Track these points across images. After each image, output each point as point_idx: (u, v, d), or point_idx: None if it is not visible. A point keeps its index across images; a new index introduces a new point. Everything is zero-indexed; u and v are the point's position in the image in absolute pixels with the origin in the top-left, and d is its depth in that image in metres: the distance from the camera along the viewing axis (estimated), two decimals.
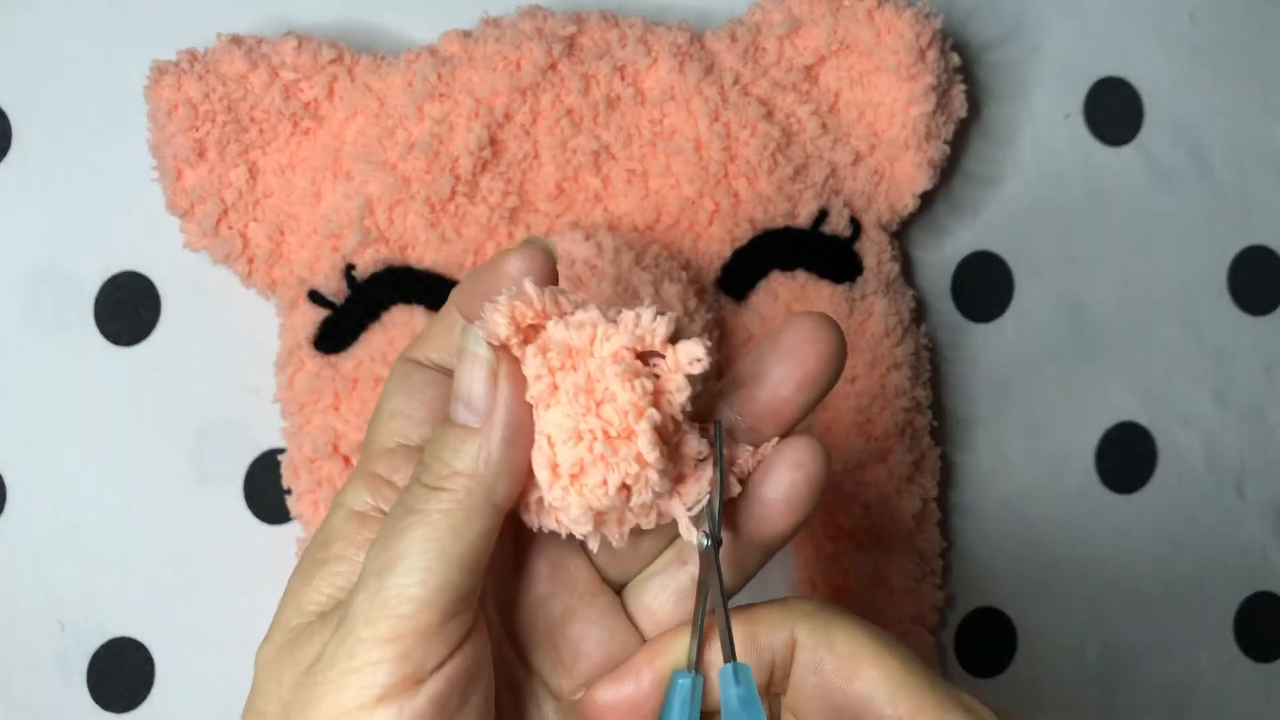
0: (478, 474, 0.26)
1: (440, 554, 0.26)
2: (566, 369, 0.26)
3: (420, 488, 0.26)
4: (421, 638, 0.25)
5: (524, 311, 0.27)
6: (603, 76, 0.45)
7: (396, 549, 0.26)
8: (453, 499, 0.26)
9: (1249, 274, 0.53)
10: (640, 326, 0.26)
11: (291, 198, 0.45)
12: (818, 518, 0.47)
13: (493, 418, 0.26)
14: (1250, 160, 0.53)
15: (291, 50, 0.43)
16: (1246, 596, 0.53)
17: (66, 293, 0.46)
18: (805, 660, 0.28)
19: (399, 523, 0.26)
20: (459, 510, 0.26)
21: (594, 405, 0.26)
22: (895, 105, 0.46)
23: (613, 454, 0.26)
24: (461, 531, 0.26)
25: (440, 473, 0.26)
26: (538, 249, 0.28)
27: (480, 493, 0.26)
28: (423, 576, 0.25)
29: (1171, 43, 0.53)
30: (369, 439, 0.29)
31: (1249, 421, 0.53)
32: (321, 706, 0.25)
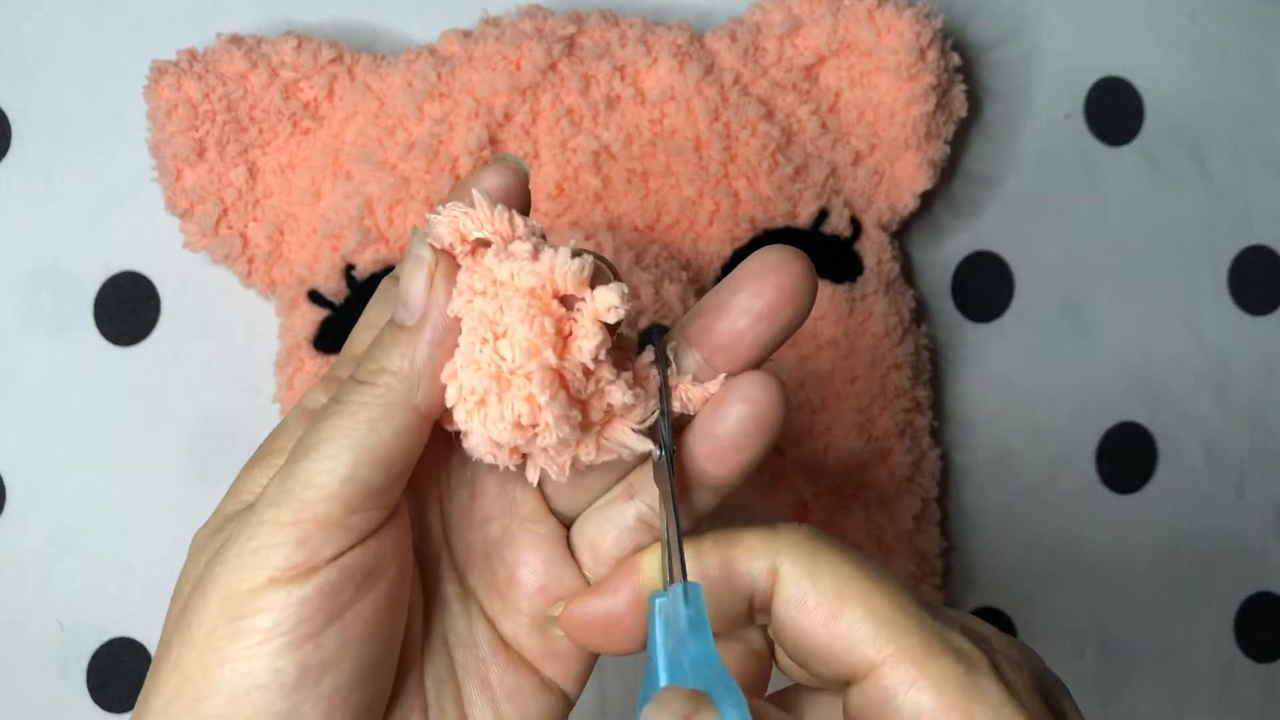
0: (401, 371, 0.26)
1: (353, 445, 0.25)
2: (487, 295, 0.26)
3: (350, 382, 0.27)
4: (320, 526, 0.25)
5: (466, 224, 0.26)
6: (603, 76, 0.45)
7: (311, 436, 0.26)
8: (373, 393, 0.26)
9: (1249, 274, 0.53)
10: (556, 267, 0.26)
11: (291, 198, 0.45)
12: (818, 518, 0.47)
13: (424, 319, 0.26)
14: (1250, 160, 0.53)
15: (291, 50, 0.43)
16: (1247, 596, 0.53)
17: (66, 292, 0.46)
18: (787, 593, 0.27)
19: (323, 414, 0.26)
20: (377, 405, 0.26)
21: (493, 338, 0.25)
22: (895, 105, 0.46)
23: (505, 389, 0.25)
24: (377, 426, 0.26)
25: (370, 368, 0.26)
26: (510, 166, 0.28)
27: (400, 390, 0.26)
28: (330, 465, 0.25)
29: (1172, 43, 0.53)
30: (347, 352, 0.29)
31: (1249, 421, 0.53)
32: (217, 585, 0.25)
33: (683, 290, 0.43)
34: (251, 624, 0.25)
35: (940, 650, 0.25)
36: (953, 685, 0.25)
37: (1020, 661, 0.26)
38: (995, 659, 0.26)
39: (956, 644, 0.26)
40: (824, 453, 0.46)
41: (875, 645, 0.25)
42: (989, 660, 0.26)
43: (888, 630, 0.26)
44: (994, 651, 0.26)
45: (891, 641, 0.25)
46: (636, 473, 0.29)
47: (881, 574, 0.27)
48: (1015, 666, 0.26)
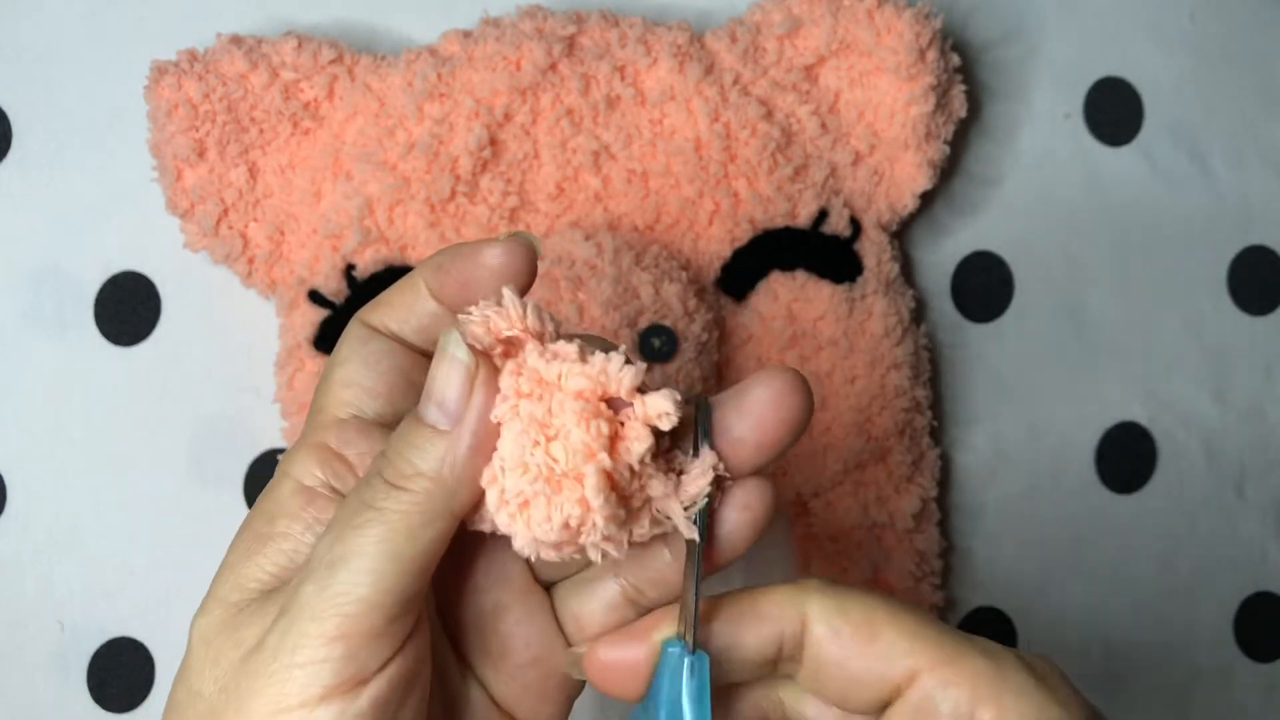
0: (440, 478, 0.26)
1: (393, 556, 0.25)
2: (533, 397, 0.26)
3: (381, 483, 0.26)
4: (366, 638, 0.25)
5: (499, 325, 0.26)
6: (603, 76, 0.45)
7: (350, 545, 0.25)
8: (412, 500, 0.26)
9: (1249, 274, 0.53)
10: (607, 371, 0.26)
11: (291, 198, 0.45)
12: (818, 517, 0.47)
13: (463, 424, 0.26)
14: (1250, 160, 0.53)
15: (291, 50, 0.43)
16: (1246, 596, 0.53)
17: (67, 292, 0.46)
18: (820, 632, 0.28)
19: (355, 517, 0.26)
20: (417, 513, 0.26)
21: (544, 440, 0.25)
22: (895, 105, 0.46)
23: (555, 493, 0.25)
24: (416, 535, 0.25)
25: (404, 471, 0.26)
26: (522, 245, 0.28)
27: (441, 497, 0.26)
28: (373, 578, 0.25)
29: (1171, 43, 0.53)
30: (317, 405, 0.29)
31: (1249, 421, 0.53)
32: (262, 699, 0.25)
33: (683, 290, 0.43)
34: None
35: (968, 650, 0.27)
36: (984, 679, 0.27)
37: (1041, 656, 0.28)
38: (1018, 653, 0.28)
39: (982, 645, 0.28)
40: (824, 452, 0.46)
41: (912, 656, 0.27)
42: (1013, 654, 0.28)
43: (921, 643, 0.27)
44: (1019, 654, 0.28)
45: (925, 652, 0.27)
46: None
47: (901, 603, 0.28)
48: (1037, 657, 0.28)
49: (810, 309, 0.46)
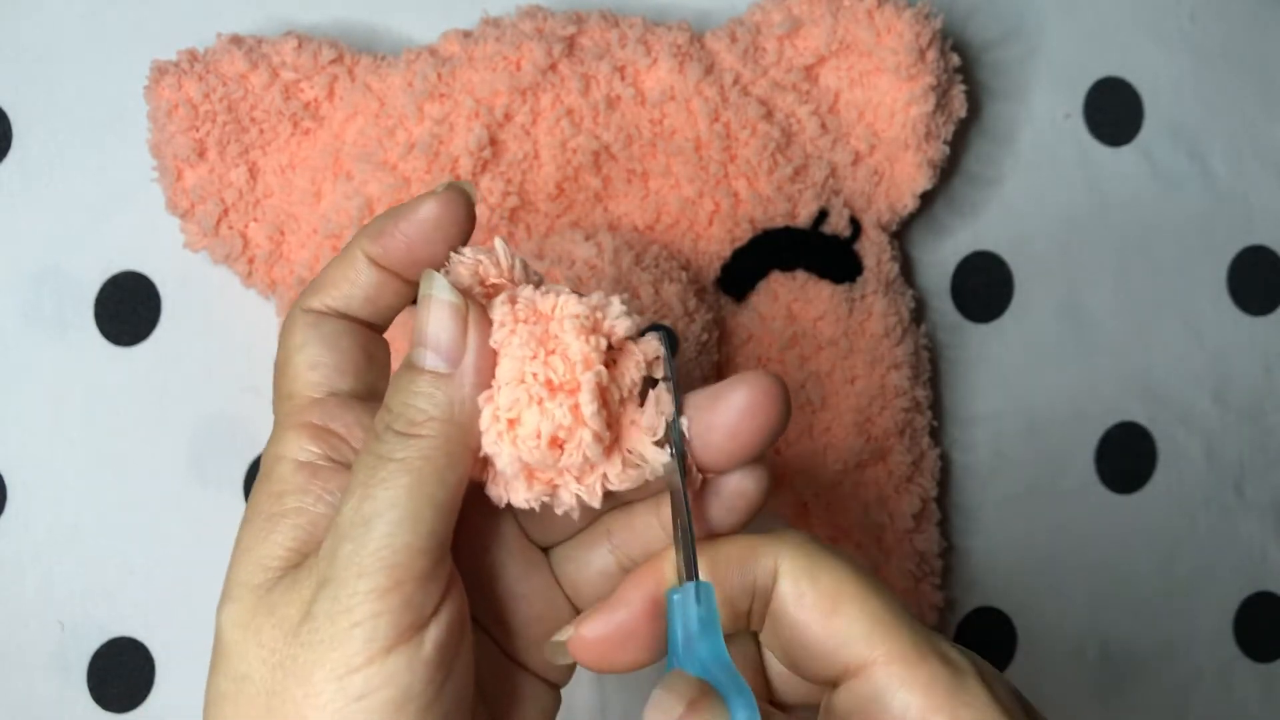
0: (453, 418, 0.26)
1: (428, 500, 0.26)
2: (529, 322, 0.27)
3: (394, 435, 0.26)
4: (419, 584, 0.25)
5: (489, 271, 0.27)
6: (603, 76, 0.45)
7: (381, 499, 0.25)
8: (432, 445, 0.26)
9: (1248, 274, 0.53)
10: (605, 308, 0.27)
11: (292, 198, 0.45)
12: (818, 517, 0.47)
13: (465, 362, 0.26)
14: (1250, 161, 0.53)
15: (292, 50, 0.43)
16: (1246, 596, 0.53)
17: (67, 292, 0.46)
18: (786, 590, 0.27)
19: (378, 471, 0.26)
20: (440, 455, 0.26)
21: (544, 354, 0.26)
22: (895, 105, 0.46)
23: (550, 399, 0.26)
24: (445, 476, 0.26)
25: (415, 419, 0.26)
26: (458, 194, 0.28)
27: (459, 437, 0.26)
28: (414, 524, 0.25)
29: (1171, 43, 0.53)
30: (286, 392, 0.29)
31: (1248, 421, 0.53)
32: (326, 665, 0.25)
33: (682, 290, 0.43)
34: (379, 698, 0.25)
35: (929, 653, 0.26)
36: (940, 687, 0.26)
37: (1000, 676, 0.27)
38: (980, 667, 0.26)
39: (944, 650, 0.26)
40: (824, 452, 0.46)
41: (869, 644, 0.26)
42: (974, 667, 0.26)
43: (881, 630, 0.26)
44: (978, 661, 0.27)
45: (884, 642, 0.26)
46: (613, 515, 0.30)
47: (877, 582, 0.27)
48: (995, 677, 0.27)
49: (810, 309, 0.46)
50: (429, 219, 0.28)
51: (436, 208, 0.28)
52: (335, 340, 0.29)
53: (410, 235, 0.28)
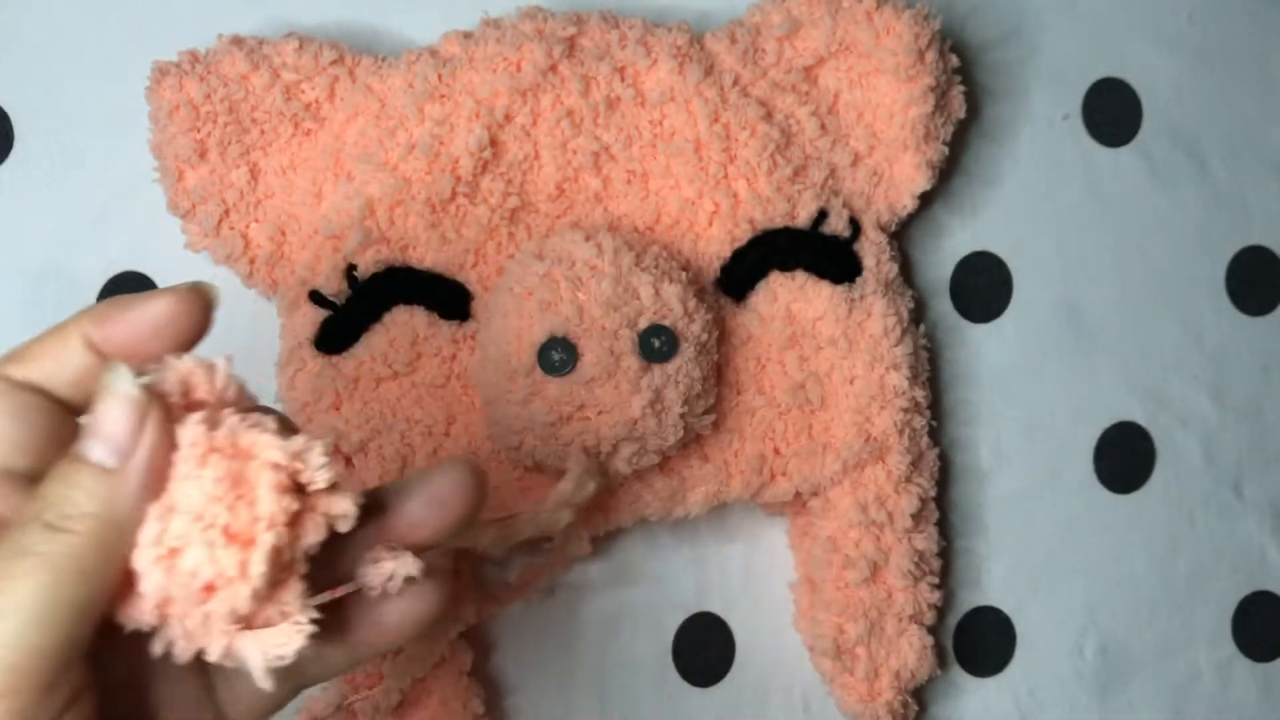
0: (110, 516, 0.24)
1: (65, 601, 0.24)
2: (224, 453, 0.25)
3: (40, 528, 0.24)
4: (38, 692, 0.23)
5: (199, 382, 0.26)
6: (603, 77, 0.45)
7: (14, 594, 0.23)
8: (81, 542, 0.24)
9: (1247, 274, 0.53)
10: (305, 456, 0.26)
11: (293, 198, 0.45)
12: (816, 516, 0.47)
13: (134, 460, 0.25)
14: (1248, 161, 0.53)
15: (293, 51, 0.44)
16: (1245, 596, 0.53)
17: (68, 293, 0.47)
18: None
19: (13, 565, 0.24)
20: (88, 554, 0.24)
21: (232, 498, 0.25)
22: (894, 106, 0.46)
23: (223, 548, 0.25)
24: (90, 578, 0.24)
25: (69, 512, 0.24)
26: (198, 297, 0.27)
27: (112, 537, 0.24)
28: (44, 626, 0.23)
29: (1170, 44, 0.53)
30: None
31: (1247, 421, 0.53)
32: None
33: (683, 290, 0.43)
34: None
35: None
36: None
37: None
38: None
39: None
40: (823, 452, 0.46)
41: None
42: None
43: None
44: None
45: None
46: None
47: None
48: None
49: (809, 309, 0.46)
50: (160, 315, 0.27)
51: (171, 306, 0.27)
52: (25, 414, 0.27)
53: (136, 327, 0.27)
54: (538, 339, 0.42)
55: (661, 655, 0.49)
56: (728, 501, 0.46)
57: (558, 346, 0.42)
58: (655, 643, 0.49)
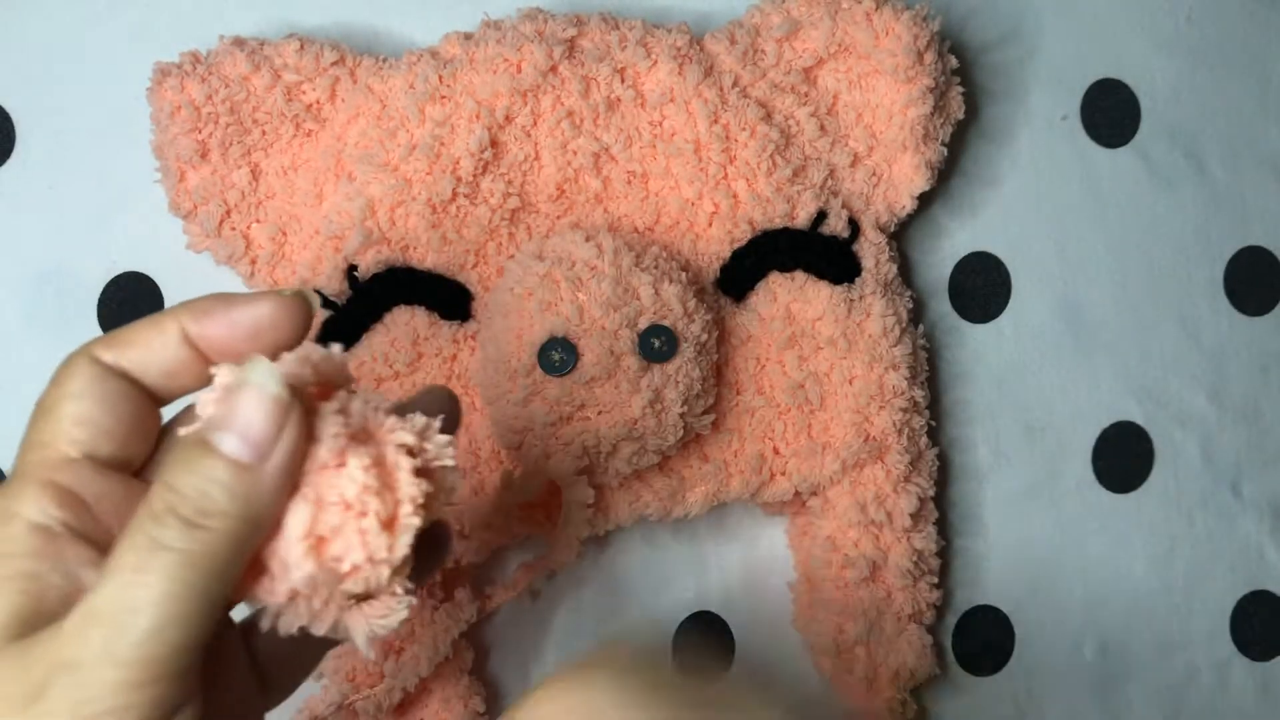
0: (249, 515, 0.25)
1: (202, 597, 0.24)
2: (360, 440, 0.26)
3: (179, 523, 0.24)
4: (174, 683, 0.24)
5: (325, 370, 0.26)
6: (603, 78, 0.45)
7: (155, 588, 0.24)
8: (220, 540, 0.24)
9: (1245, 275, 0.53)
10: (430, 436, 0.27)
11: (294, 199, 0.45)
12: (815, 516, 0.47)
13: (273, 458, 0.25)
14: (1247, 161, 0.54)
15: (294, 52, 0.44)
16: (1243, 595, 0.53)
17: (69, 293, 0.47)
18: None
19: (154, 558, 0.24)
20: (224, 552, 0.24)
21: (377, 485, 0.25)
22: (893, 107, 0.46)
23: (375, 535, 0.25)
24: (224, 573, 0.25)
25: (207, 509, 0.24)
26: (300, 302, 0.27)
27: (248, 534, 0.25)
28: (184, 621, 0.24)
29: (1168, 44, 0.53)
30: (39, 440, 0.27)
31: (1245, 421, 0.53)
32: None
33: (683, 291, 0.43)
34: None
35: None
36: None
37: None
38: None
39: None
40: (822, 452, 0.46)
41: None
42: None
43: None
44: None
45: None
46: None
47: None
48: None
49: (809, 309, 0.46)
50: (264, 317, 0.27)
51: (276, 310, 0.27)
52: (113, 401, 0.27)
53: (236, 328, 0.27)
54: (538, 339, 0.42)
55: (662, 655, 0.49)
56: (727, 501, 0.46)
57: (558, 346, 0.42)
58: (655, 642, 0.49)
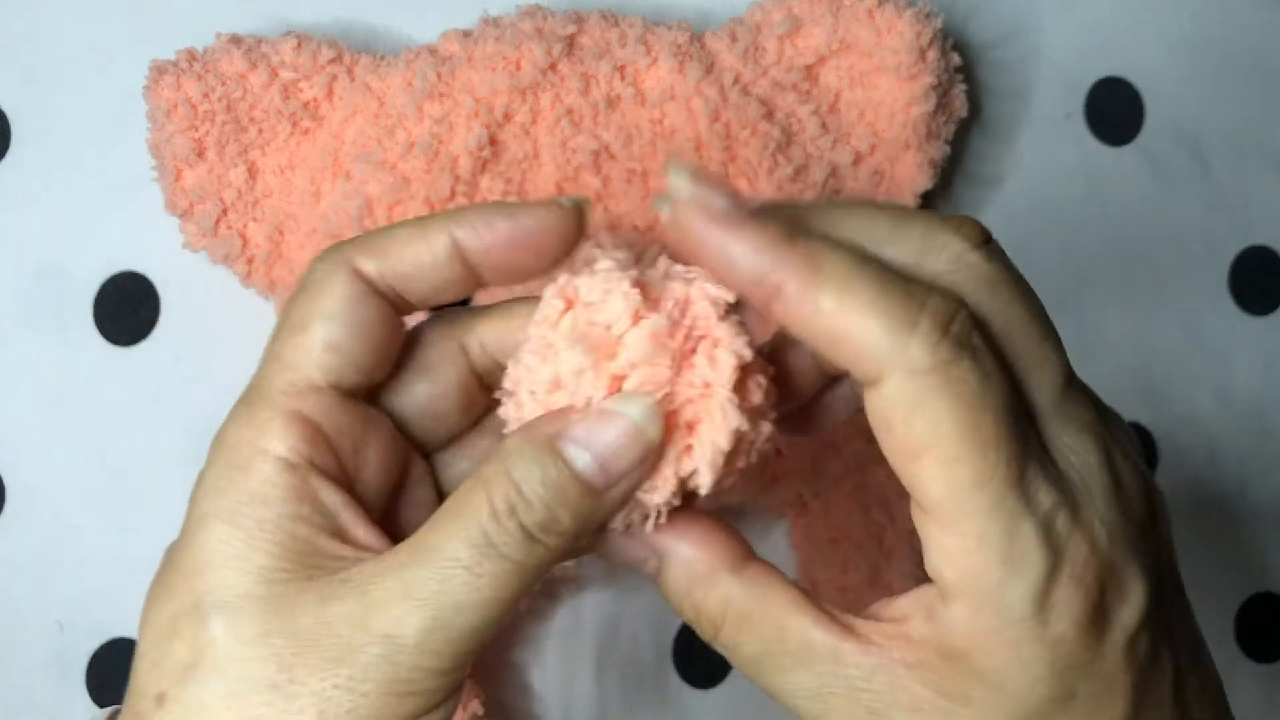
0: (579, 535, 0.25)
1: (509, 603, 0.24)
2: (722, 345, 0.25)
3: (522, 534, 0.24)
4: (466, 670, 0.25)
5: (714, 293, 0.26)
6: (603, 76, 0.45)
7: (484, 590, 0.24)
8: (550, 556, 0.24)
9: (1249, 274, 0.53)
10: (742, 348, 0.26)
11: (291, 198, 0.45)
12: (818, 518, 0.47)
13: (617, 489, 0.24)
14: (1251, 160, 0.53)
15: (291, 50, 0.43)
16: (1247, 597, 0.53)
17: (65, 292, 0.46)
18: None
19: (490, 563, 0.24)
20: (550, 563, 0.25)
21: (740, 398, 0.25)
22: (896, 105, 0.46)
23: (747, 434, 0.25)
24: (530, 585, 0.25)
25: (551, 528, 0.24)
26: (576, 213, 0.26)
27: (565, 552, 0.25)
28: (497, 621, 0.24)
29: (1172, 43, 0.53)
30: (286, 360, 0.26)
31: (1250, 422, 0.53)
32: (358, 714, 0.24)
33: None
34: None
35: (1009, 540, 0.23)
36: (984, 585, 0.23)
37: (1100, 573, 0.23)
38: (1061, 559, 0.23)
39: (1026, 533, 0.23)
40: (825, 453, 0.46)
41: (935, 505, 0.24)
42: (1047, 570, 0.23)
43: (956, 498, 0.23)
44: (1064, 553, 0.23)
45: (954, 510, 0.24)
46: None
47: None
48: (1080, 578, 0.23)
49: None
50: (547, 230, 0.26)
51: (559, 220, 0.26)
52: (371, 326, 0.26)
53: (520, 239, 0.26)
54: None
55: (662, 656, 0.49)
56: (729, 502, 0.46)
57: None
58: (656, 644, 0.49)
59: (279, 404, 0.25)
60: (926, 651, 0.24)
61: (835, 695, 0.25)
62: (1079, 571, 0.23)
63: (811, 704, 0.25)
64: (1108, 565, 0.24)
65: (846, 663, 0.24)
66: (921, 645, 0.24)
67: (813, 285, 0.23)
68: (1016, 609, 0.23)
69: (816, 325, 0.24)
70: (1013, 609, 0.23)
